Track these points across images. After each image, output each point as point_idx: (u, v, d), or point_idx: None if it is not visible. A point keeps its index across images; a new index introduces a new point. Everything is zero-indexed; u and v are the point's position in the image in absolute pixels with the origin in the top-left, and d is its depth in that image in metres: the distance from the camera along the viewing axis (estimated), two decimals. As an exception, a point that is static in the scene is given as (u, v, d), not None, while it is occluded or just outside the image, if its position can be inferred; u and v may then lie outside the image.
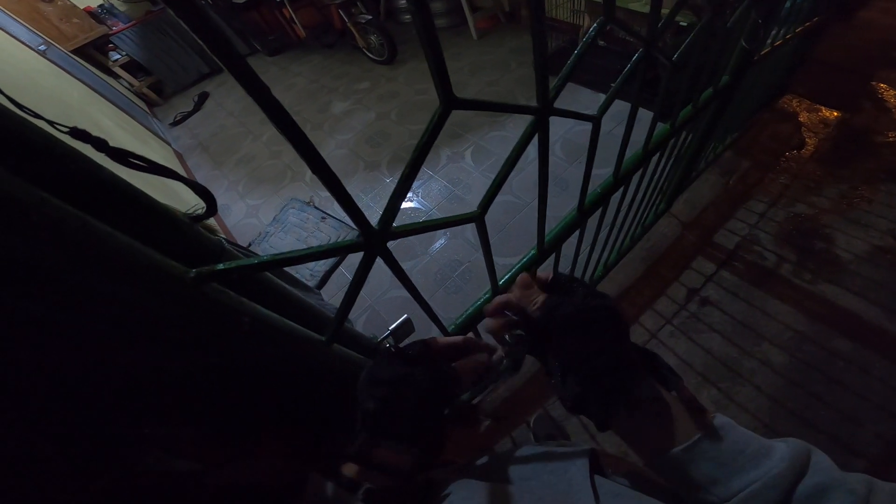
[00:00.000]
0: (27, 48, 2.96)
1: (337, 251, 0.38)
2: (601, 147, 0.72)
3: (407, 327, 0.89)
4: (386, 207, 0.40)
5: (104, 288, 0.28)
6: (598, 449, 0.46)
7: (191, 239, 0.40)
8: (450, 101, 0.38)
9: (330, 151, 3.22)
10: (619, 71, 0.67)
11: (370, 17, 3.71)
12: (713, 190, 2.13)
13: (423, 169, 2.79)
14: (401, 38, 4.08)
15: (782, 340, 1.64)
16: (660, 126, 0.97)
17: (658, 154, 1.07)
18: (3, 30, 2.82)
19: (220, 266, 0.33)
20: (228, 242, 0.82)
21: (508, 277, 0.84)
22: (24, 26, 3.21)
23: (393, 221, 0.41)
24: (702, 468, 0.37)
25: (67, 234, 0.25)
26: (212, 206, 0.42)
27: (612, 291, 1.89)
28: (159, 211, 0.37)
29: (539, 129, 0.50)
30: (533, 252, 0.85)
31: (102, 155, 0.34)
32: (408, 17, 4.63)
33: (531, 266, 0.85)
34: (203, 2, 4.52)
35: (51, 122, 0.32)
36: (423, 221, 0.46)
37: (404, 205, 2.62)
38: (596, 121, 0.64)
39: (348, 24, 3.94)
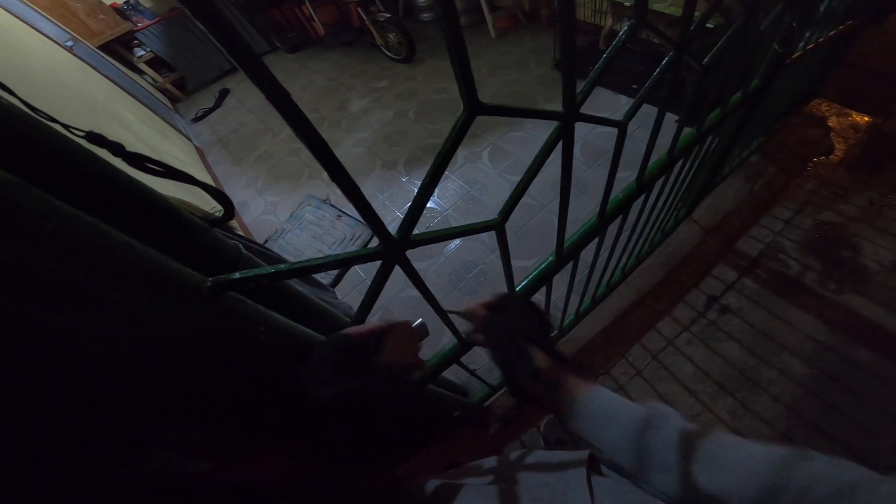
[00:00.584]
0: (55, 44, 3.02)
1: (356, 260, 0.38)
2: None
3: (421, 331, 0.88)
4: (405, 216, 0.38)
5: (119, 296, 0.28)
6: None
7: (208, 244, 0.39)
8: (474, 107, 0.36)
9: (347, 150, 3.23)
10: (639, 72, 0.65)
11: (389, 15, 3.70)
12: (737, 195, 2.07)
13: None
14: (419, 36, 4.07)
15: (803, 350, 1.59)
16: (685, 130, 0.94)
17: (682, 159, 1.04)
18: (31, 26, 2.87)
19: (237, 275, 0.32)
20: (245, 240, 0.82)
21: (526, 283, 0.83)
22: (53, 22, 3.27)
23: (412, 230, 0.40)
24: (582, 425, 0.48)
25: (82, 245, 0.25)
26: (229, 211, 0.41)
27: (629, 296, 1.85)
28: (176, 215, 0.37)
29: (564, 135, 0.49)
30: (551, 258, 0.83)
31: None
32: (426, 15, 4.61)
33: (549, 273, 0.83)
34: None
35: (66, 126, 0.32)
36: (443, 230, 0.45)
37: (420, 205, 2.61)
38: (622, 126, 0.62)
39: (367, 22, 3.94)
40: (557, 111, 0.46)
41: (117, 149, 0.32)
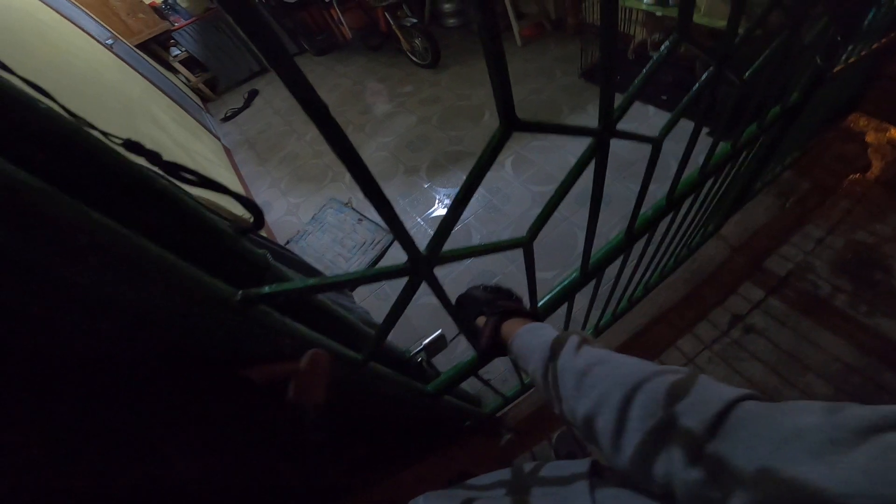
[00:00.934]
0: (96, 42, 3.10)
1: (383, 276, 0.37)
2: (640, 161, 0.68)
3: (440, 343, 0.87)
4: (436, 232, 0.38)
5: (149, 307, 0.28)
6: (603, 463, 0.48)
7: (237, 253, 0.39)
8: (511, 123, 0.36)
9: (370, 153, 3.25)
10: (668, 82, 0.62)
11: (415, 20, 3.72)
12: (768, 212, 2.01)
13: (461, 176, 2.77)
14: (444, 42, 4.08)
15: (828, 372, 1.54)
16: (718, 145, 0.91)
17: (714, 175, 1.01)
18: (74, 23, 2.95)
19: (267, 289, 0.32)
20: (266, 241, 0.83)
21: (549, 298, 0.81)
22: (95, 20, 3.36)
23: (442, 247, 0.39)
24: (518, 362, 0.56)
25: (116, 257, 0.25)
26: (259, 220, 0.42)
27: (651, 312, 1.81)
28: (207, 224, 0.37)
29: (598, 153, 0.47)
30: (575, 275, 0.82)
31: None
32: (452, 21, 4.63)
33: (572, 290, 0.82)
34: (258, 1, 4.68)
35: (104, 133, 0.32)
36: (472, 247, 0.44)
37: (440, 212, 2.60)
38: (657, 143, 0.60)
39: (393, 27, 3.97)
40: (593, 128, 0.45)
41: (154, 158, 0.32)
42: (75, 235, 0.23)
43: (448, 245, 0.40)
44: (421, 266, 0.38)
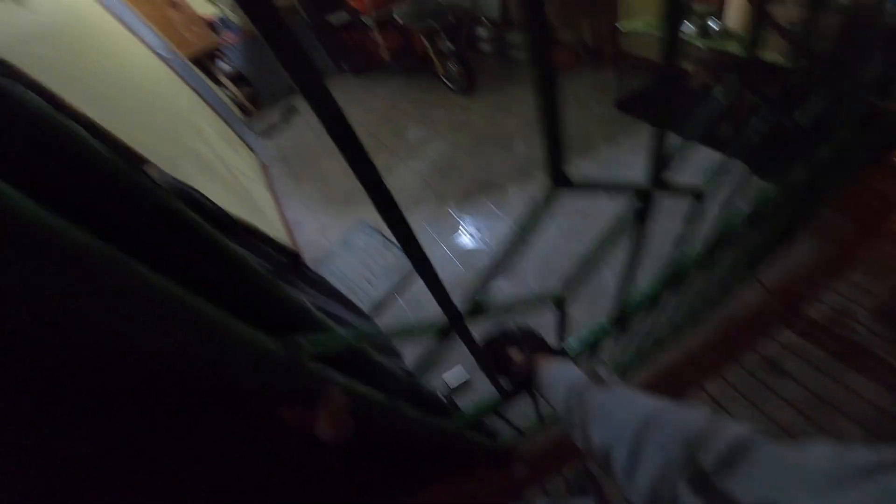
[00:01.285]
0: (152, 53, 3.16)
1: (420, 331, 0.37)
2: (672, 198, 0.65)
3: (464, 386, 0.86)
4: (474, 288, 0.37)
5: (185, 357, 0.28)
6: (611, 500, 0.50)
7: (273, 299, 0.39)
8: (559, 180, 0.35)
9: (401, 178, 3.26)
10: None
11: (452, 46, 3.77)
12: (806, 254, 1.92)
13: (490, 206, 2.77)
14: (479, 67, 4.12)
15: (859, 415, 1.48)
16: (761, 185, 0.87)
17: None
18: (134, 33, 3.01)
19: (308, 343, 0.32)
20: (302, 266, 0.84)
21: (576, 346, 0.79)
22: (153, 31, 3.36)
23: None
24: (544, 391, 0.62)
25: (154, 310, 0.24)
26: (295, 265, 0.42)
27: (677, 353, 1.75)
28: (248, 271, 0.37)
29: (644, 209, 0.46)
30: (604, 325, 0.79)
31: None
32: (488, 47, 4.67)
33: (600, 339, 0.79)
34: (303, 18, 4.83)
35: (154, 182, 0.33)
36: (506, 303, 0.43)
37: (467, 241, 2.57)
38: (701, 194, 0.58)
39: (430, 52, 4.04)
40: (641, 186, 0.43)
41: (201, 207, 0.33)
42: (125, 293, 0.24)
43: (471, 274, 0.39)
44: (456, 321, 0.38)
